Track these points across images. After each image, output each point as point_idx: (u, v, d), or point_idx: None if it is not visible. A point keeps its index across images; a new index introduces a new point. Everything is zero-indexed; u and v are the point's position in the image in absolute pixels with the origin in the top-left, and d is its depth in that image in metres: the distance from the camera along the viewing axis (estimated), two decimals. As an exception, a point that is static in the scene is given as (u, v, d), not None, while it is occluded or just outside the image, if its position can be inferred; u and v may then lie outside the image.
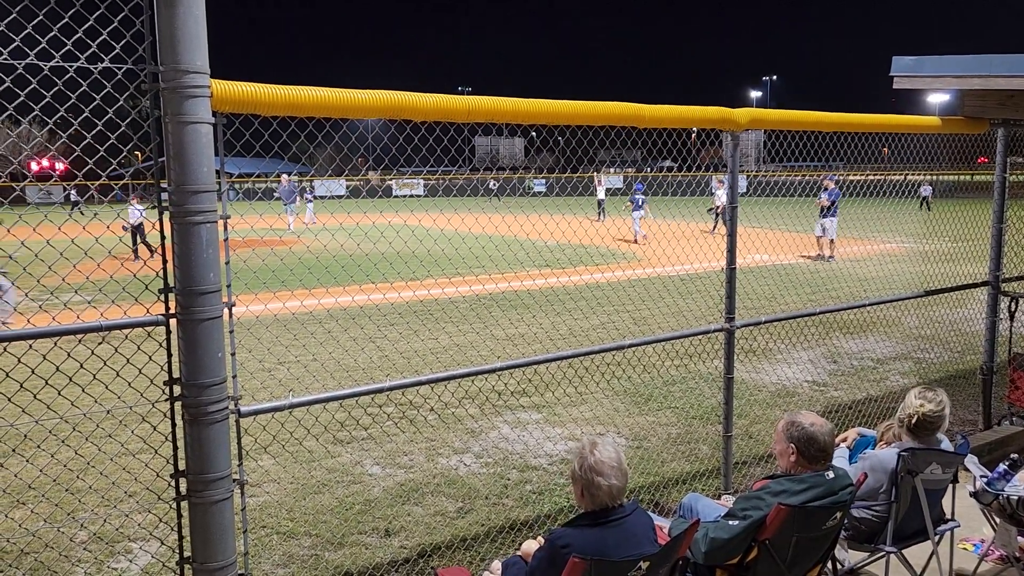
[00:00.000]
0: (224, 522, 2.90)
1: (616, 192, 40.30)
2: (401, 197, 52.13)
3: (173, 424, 2.89)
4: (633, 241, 23.47)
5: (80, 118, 2.84)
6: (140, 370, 3.11)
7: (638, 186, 25.00)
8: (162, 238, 2.79)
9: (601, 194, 32.10)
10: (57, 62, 2.56)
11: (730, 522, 3.25)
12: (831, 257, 18.83)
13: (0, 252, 3.27)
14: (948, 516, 4.09)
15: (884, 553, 3.85)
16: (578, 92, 4.12)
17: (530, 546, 3.11)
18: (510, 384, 7.85)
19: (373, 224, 4.94)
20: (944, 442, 3.94)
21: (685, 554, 3.08)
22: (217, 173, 2.81)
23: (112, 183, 3.77)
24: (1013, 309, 6.72)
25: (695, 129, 4.95)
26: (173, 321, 2.81)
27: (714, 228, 24.66)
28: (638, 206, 24.20)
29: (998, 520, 4.22)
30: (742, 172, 5.18)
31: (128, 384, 3.26)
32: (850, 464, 4.07)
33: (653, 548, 2.81)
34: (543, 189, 57.09)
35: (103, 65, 2.64)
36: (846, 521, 3.65)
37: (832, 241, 19.05)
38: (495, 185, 47.58)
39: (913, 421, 3.85)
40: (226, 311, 2.90)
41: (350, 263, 7.39)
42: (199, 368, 2.78)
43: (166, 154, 2.70)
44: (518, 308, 12.32)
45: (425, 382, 3.98)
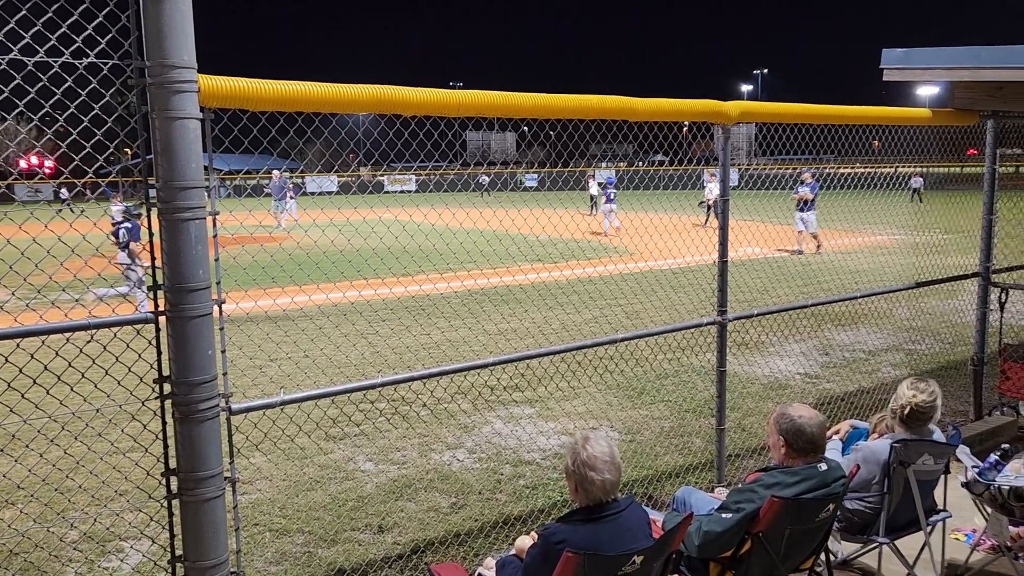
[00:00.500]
0: (216, 520, 2.89)
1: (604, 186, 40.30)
2: (392, 193, 51.99)
3: (164, 422, 2.87)
4: (604, 234, 23.75)
5: (66, 114, 2.80)
6: (129, 368, 3.09)
7: (609, 179, 25.54)
8: (150, 235, 2.77)
9: (593, 189, 32.18)
10: (42, 57, 2.53)
11: (723, 515, 3.25)
12: (819, 248, 18.75)
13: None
14: (940, 507, 4.10)
15: (877, 544, 3.86)
16: (570, 88, 4.13)
17: (524, 542, 3.10)
18: (503, 379, 7.85)
19: (364, 220, 4.92)
20: (936, 433, 3.95)
21: (679, 547, 3.08)
22: (206, 169, 2.79)
23: (99, 180, 3.73)
24: (1003, 300, 6.75)
25: (687, 123, 4.95)
26: (162, 319, 2.78)
27: (706, 222, 24.74)
28: (609, 199, 24.68)
29: (989, 510, 4.23)
30: (734, 165, 5.18)
31: (118, 382, 3.23)
32: (843, 456, 4.08)
33: (647, 542, 2.81)
34: (535, 184, 57.10)
35: (88, 60, 2.61)
36: (839, 513, 3.66)
37: (814, 235, 18.92)
38: (486, 180, 47.47)
39: (905, 412, 3.86)
40: (216, 308, 2.88)
41: (340, 259, 7.37)
42: (189, 366, 2.76)
43: (153, 150, 2.67)
44: (510, 303, 12.31)
45: (417, 378, 3.96)
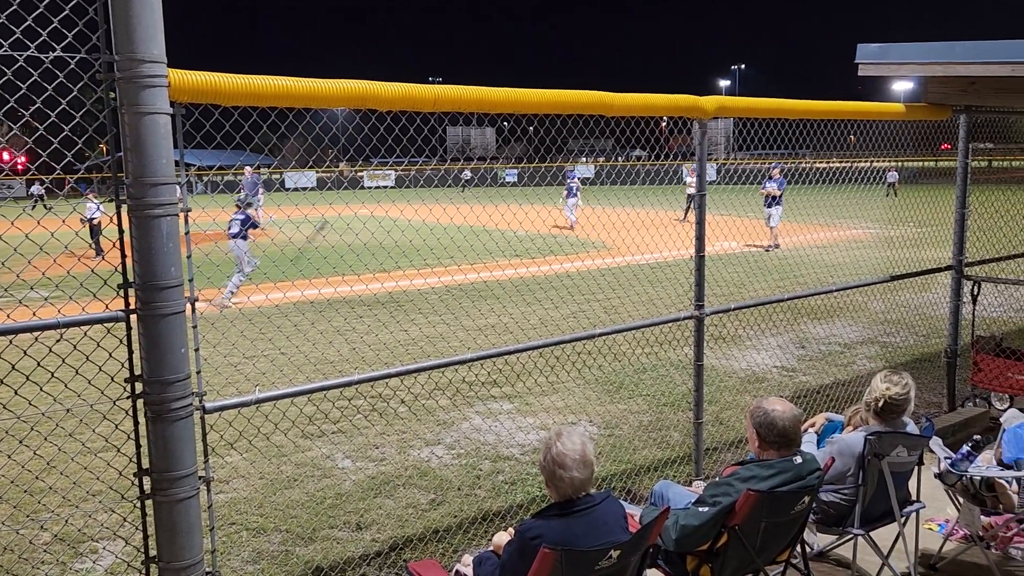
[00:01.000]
0: (190, 520, 2.85)
1: (585, 181, 40.45)
2: (370, 188, 51.69)
3: (136, 422, 2.83)
4: (569, 228, 24.01)
5: (32, 109, 2.75)
6: (100, 367, 3.04)
7: (571, 174, 25.92)
8: (120, 232, 2.72)
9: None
10: (6, 52, 2.48)
11: (700, 509, 3.26)
12: (774, 247, 18.76)
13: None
14: (914, 498, 4.15)
15: (852, 536, 3.89)
16: (550, 84, 4.10)
17: (501, 538, 3.09)
18: (481, 375, 7.83)
19: (339, 216, 4.88)
20: (910, 425, 3.99)
21: (656, 541, 3.08)
22: (177, 165, 2.75)
23: (68, 177, 3.67)
24: (976, 293, 6.83)
25: (665, 118, 4.96)
26: (134, 317, 2.74)
27: (684, 216, 24.86)
28: (572, 193, 24.96)
29: (962, 500, 4.29)
30: (711, 160, 5.20)
31: (88, 382, 3.18)
32: (818, 449, 4.11)
33: (624, 536, 2.81)
34: (514, 179, 57.09)
35: (55, 54, 2.56)
36: (814, 505, 3.68)
37: (772, 229, 19.00)
38: (466, 175, 47.35)
39: (879, 405, 3.89)
40: (188, 306, 2.84)
41: (316, 255, 7.31)
42: (161, 364, 2.73)
43: (123, 146, 2.63)
44: (488, 299, 12.29)
45: (395, 374, 3.94)
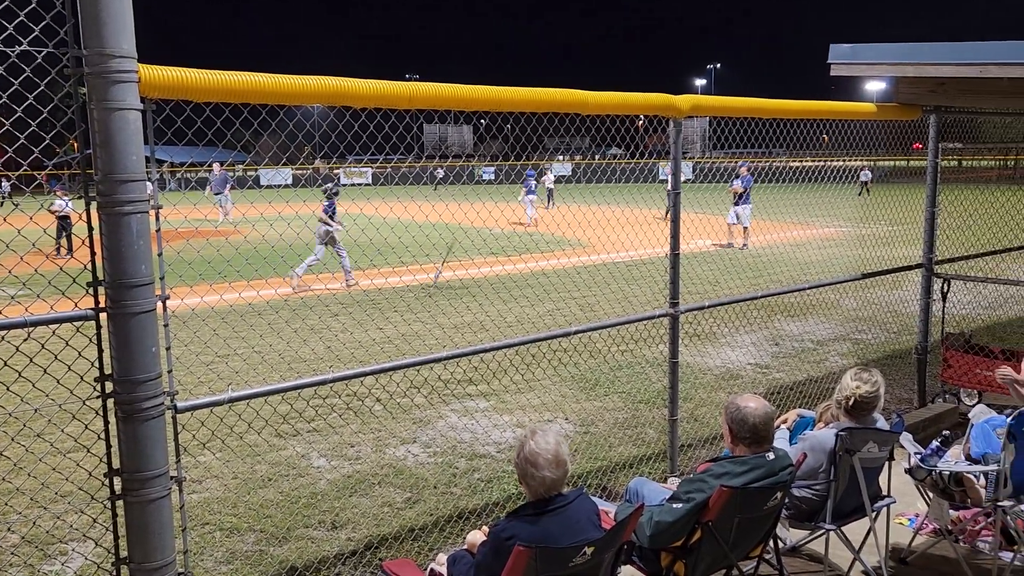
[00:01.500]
0: (162, 520, 2.83)
1: (561, 179, 40.59)
2: (345, 186, 51.40)
3: (106, 421, 2.80)
4: (529, 224, 24.49)
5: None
6: (69, 367, 3.00)
7: (529, 172, 26.48)
8: (89, 229, 2.69)
9: (549, 182, 32.54)
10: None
11: (674, 505, 3.28)
12: (744, 245, 18.79)
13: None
14: (884, 493, 4.20)
15: (824, 531, 3.94)
16: (526, 81, 4.11)
17: (475, 537, 3.09)
18: (457, 373, 7.83)
19: (313, 213, 4.85)
20: (880, 421, 4.04)
21: (631, 538, 3.10)
22: (148, 161, 2.72)
23: (36, 173, 3.61)
24: (945, 290, 6.94)
25: (642, 117, 4.98)
26: (104, 316, 2.71)
27: (666, 214, 24.97)
28: (531, 190, 25.61)
29: (931, 495, 4.35)
30: (687, 159, 5.23)
31: (57, 381, 3.13)
32: (790, 445, 4.15)
33: (597, 533, 2.82)
34: (492, 177, 57.06)
35: (21, 48, 2.51)
36: (787, 500, 3.72)
37: (745, 229, 18.99)
38: (440, 173, 47.22)
39: (850, 403, 3.94)
40: (159, 304, 2.81)
41: (290, 253, 7.26)
42: (132, 363, 2.70)
43: (92, 142, 2.59)
44: (464, 297, 12.28)
45: (370, 373, 3.92)
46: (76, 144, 2.62)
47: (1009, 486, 3.97)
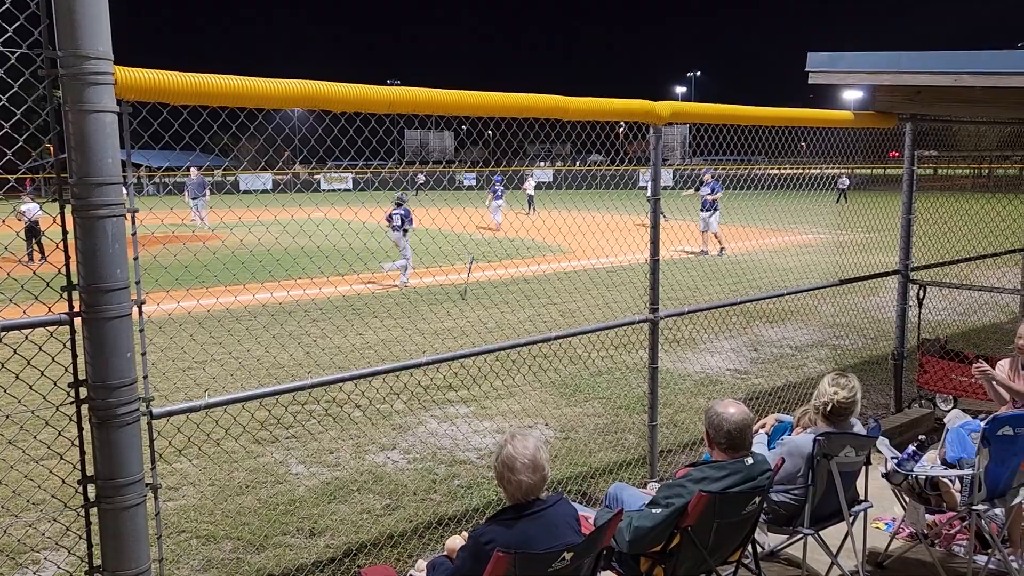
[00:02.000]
0: (137, 528, 2.78)
1: (541, 185, 40.64)
2: (325, 191, 51.18)
3: (80, 428, 2.75)
4: (496, 228, 24.91)
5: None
6: (43, 372, 2.95)
7: (497, 178, 27.08)
8: (63, 233, 2.65)
9: (530, 188, 32.57)
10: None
11: (653, 510, 3.29)
12: (722, 251, 18.81)
13: None
14: (862, 497, 4.23)
15: (802, 535, 3.96)
16: (509, 88, 4.12)
17: (454, 542, 3.08)
18: (436, 379, 7.80)
19: (292, 218, 4.82)
20: (857, 426, 4.07)
21: (610, 543, 3.09)
22: (124, 165, 2.69)
23: (8, 177, 3.57)
24: (921, 296, 7.01)
25: (623, 123, 5.00)
26: (78, 320, 2.67)
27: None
28: (498, 196, 26.06)
29: (907, 499, 4.39)
30: (667, 165, 5.25)
31: (30, 387, 3.08)
32: (768, 450, 4.17)
33: (576, 538, 2.82)
34: (473, 183, 57.09)
35: (-6, 49, 2.48)
36: (765, 505, 3.73)
37: (716, 235, 18.98)
38: (421, 179, 47.14)
39: (828, 408, 3.96)
40: (135, 309, 2.77)
41: (269, 258, 7.21)
42: (107, 369, 2.66)
43: (67, 145, 2.56)
44: (445, 303, 12.26)
45: (349, 378, 3.90)
46: (52, 148, 2.59)
47: (983, 490, 4.01)
